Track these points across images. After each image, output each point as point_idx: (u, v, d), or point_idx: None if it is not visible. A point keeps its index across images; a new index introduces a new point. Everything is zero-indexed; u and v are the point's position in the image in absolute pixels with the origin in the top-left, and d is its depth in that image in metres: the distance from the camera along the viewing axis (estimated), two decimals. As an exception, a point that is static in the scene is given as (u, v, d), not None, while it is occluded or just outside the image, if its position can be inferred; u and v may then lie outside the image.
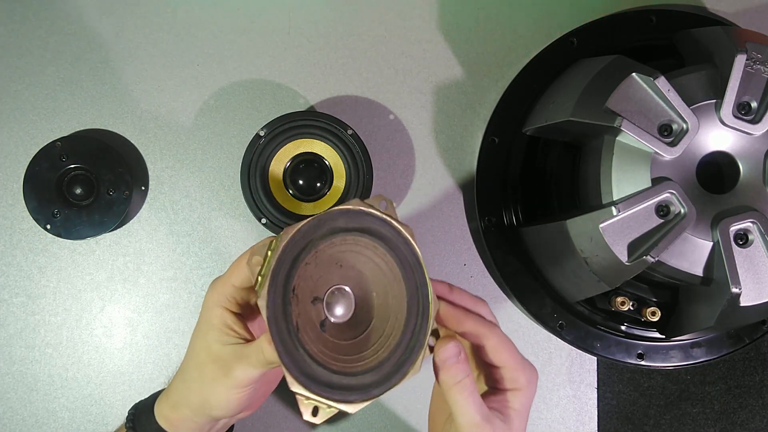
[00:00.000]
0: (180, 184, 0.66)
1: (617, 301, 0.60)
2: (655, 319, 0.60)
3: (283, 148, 0.63)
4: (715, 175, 0.54)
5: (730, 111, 0.51)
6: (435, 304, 0.41)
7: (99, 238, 0.65)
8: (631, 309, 0.60)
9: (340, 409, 0.39)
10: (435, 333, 0.43)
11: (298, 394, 0.38)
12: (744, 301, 0.50)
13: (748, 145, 0.52)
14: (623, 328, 0.63)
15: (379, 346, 0.41)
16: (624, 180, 0.51)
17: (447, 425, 0.45)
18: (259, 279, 0.40)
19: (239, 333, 0.44)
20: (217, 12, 0.67)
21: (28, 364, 0.65)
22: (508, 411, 0.43)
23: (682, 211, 0.50)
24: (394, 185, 0.67)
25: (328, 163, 0.63)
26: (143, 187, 0.66)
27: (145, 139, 0.67)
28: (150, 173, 0.66)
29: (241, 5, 0.67)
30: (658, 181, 0.51)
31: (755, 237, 0.50)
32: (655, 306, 0.61)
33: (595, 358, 0.67)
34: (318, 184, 0.63)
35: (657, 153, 0.51)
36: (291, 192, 0.63)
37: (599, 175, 0.53)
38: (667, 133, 0.52)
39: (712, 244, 0.51)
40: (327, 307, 0.42)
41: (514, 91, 0.65)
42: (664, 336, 0.62)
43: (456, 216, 0.67)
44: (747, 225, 0.51)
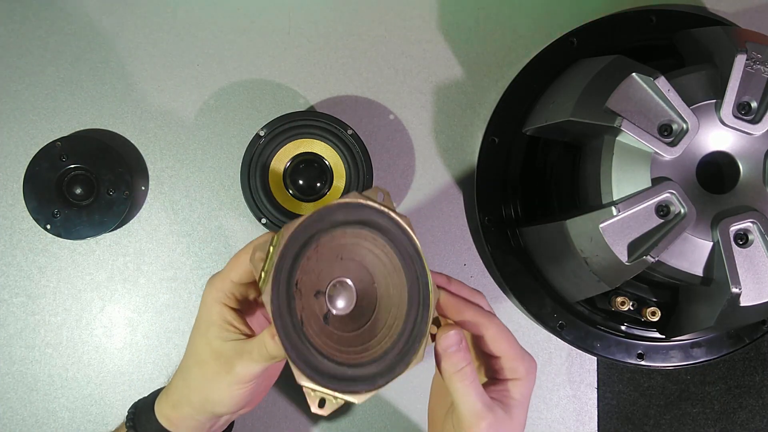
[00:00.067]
0: (180, 184, 0.66)
1: (617, 301, 0.60)
2: (655, 319, 0.60)
3: (283, 148, 0.63)
4: (715, 175, 0.54)
5: (730, 111, 0.51)
6: (435, 293, 0.42)
7: (99, 238, 0.65)
8: (631, 309, 0.61)
9: (347, 401, 0.39)
10: (436, 322, 0.44)
11: (306, 387, 0.39)
12: (744, 301, 0.50)
13: (748, 145, 0.52)
14: (623, 328, 0.63)
15: (382, 336, 0.42)
16: (624, 180, 0.51)
17: (448, 417, 0.46)
18: (263, 275, 0.40)
19: (239, 329, 0.44)
20: (217, 12, 0.67)
21: (28, 364, 0.65)
22: (509, 401, 0.43)
23: (682, 211, 0.50)
24: (394, 185, 0.67)
25: (328, 163, 0.63)
26: (143, 187, 0.66)
27: (145, 139, 0.67)
28: (150, 173, 0.66)
29: (241, 5, 0.67)
30: (658, 181, 0.51)
31: (755, 237, 0.51)
32: (655, 306, 0.61)
33: (595, 358, 0.67)
34: (318, 184, 0.63)
35: (657, 153, 0.51)
36: (291, 192, 0.63)
37: (599, 175, 0.53)
38: (667, 133, 0.52)
39: (712, 244, 0.51)
40: (329, 300, 0.42)
41: (514, 91, 0.65)
42: (664, 336, 0.62)
43: (456, 216, 0.68)
44: (747, 225, 0.51)
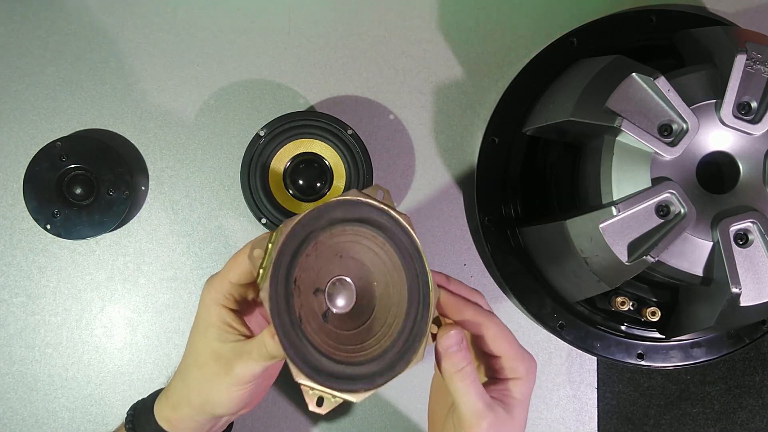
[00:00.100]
0: (180, 184, 0.66)
1: (617, 301, 0.60)
2: (655, 319, 0.60)
3: (283, 148, 0.63)
4: (715, 175, 0.54)
5: (730, 111, 0.51)
6: (435, 292, 0.41)
7: (99, 238, 0.65)
8: (631, 309, 0.61)
9: (345, 399, 0.39)
10: (437, 321, 0.44)
11: (304, 385, 0.39)
12: (744, 301, 0.50)
13: (748, 145, 0.52)
14: (623, 328, 0.63)
15: (382, 335, 0.41)
16: (624, 180, 0.51)
17: (448, 417, 0.46)
18: (261, 272, 0.40)
19: (238, 330, 0.44)
20: (217, 12, 0.67)
21: (28, 364, 0.65)
22: (509, 400, 0.43)
23: (682, 211, 0.50)
24: (394, 185, 0.67)
25: (328, 163, 0.63)
26: (143, 187, 0.66)
27: (145, 139, 0.67)
28: (150, 173, 0.66)
29: (241, 5, 0.67)
30: (658, 181, 0.51)
31: (755, 237, 0.51)
32: (655, 306, 0.61)
33: (595, 358, 0.67)
34: (318, 184, 0.63)
35: (657, 153, 0.51)
36: (291, 192, 0.63)
37: (599, 175, 0.53)
38: (667, 133, 0.52)
39: (712, 244, 0.51)
40: (328, 298, 0.42)
41: (514, 91, 0.65)
42: (664, 336, 0.62)
43: (456, 216, 0.68)
44: (747, 225, 0.51)
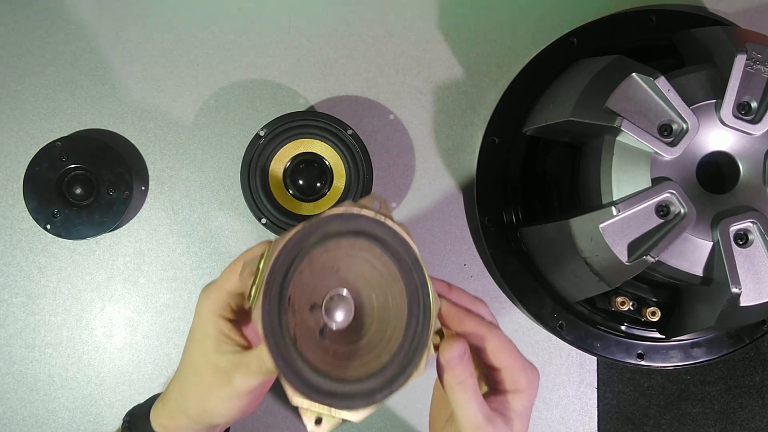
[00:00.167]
0: (180, 184, 0.66)
1: (617, 301, 0.60)
2: (655, 319, 0.60)
3: (283, 148, 0.63)
4: (715, 175, 0.54)
5: (730, 111, 0.51)
6: (436, 303, 0.40)
7: (99, 238, 0.65)
8: (631, 309, 0.60)
9: (345, 418, 0.38)
10: (439, 332, 0.43)
11: (300, 405, 0.38)
12: (744, 301, 0.50)
13: (748, 145, 0.52)
14: (623, 328, 0.63)
15: (381, 349, 0.40)
16: (624, 180, 0.51)
17: (448, 426, 0.45)
18: (253, 291, 0.39)
19: (236, 340, 0.44)
20: (217, 12, 0.67)
21: (28, 364, 0.65)
22: (509, 413, 0.43)
23: (682, 211, 0.50)
24: (394, 185, 0.67)
25: (328, 163, 0.63)
26: (143, 187, 0.66)
27: (145, 139, 0.67)
28: (150, 173, 0.66)
29: (241, 5, 0.67)
30: (658, 181, 0.51)
31: (755, 237, 0.50)
32: (655, 306, 0.61)
33: (595, 358, 0.67)
34: (318, 184, 0.63)
35: (657, 153, 0.51)
36: (291, 192, 0.63)
37: (599, 175, 0.53)
38: (667, 133, 0.52)
39: (712, 244, 0.51)
40: (326, 313, 0.41)
41: (514, 91, 0.65)
42: (664, 336, 0.62)
43: (456, 216, 0.67)
44: (747, 225, 0.51)
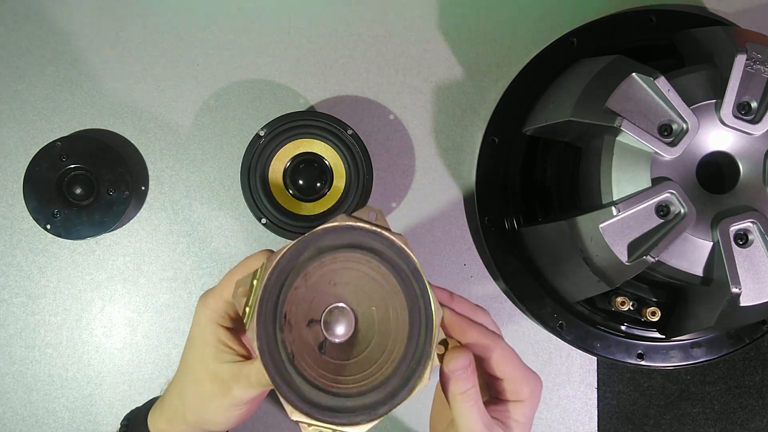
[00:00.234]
0: (180, 184, 0.66)
1: (617, 301, 0.60)
2: (655, 319, 0.60)
3: (283, 148, 0.63)
4: (715, 175, 0.54)
5: (730, 111, 0.51)
6: (439, 312, 0.40)
7: (99, 238, 0.65)
8: (631, 309, 0.60)
9: None
10: (443, 342, 0.42)
11: (300, 422, 0.38)
12: (744, 301, 0.50)
13: (748, 145, 0.52)
14: (623, 328, 0.63)
15: (383, 362, 0.40)
16: (624, 180, 0.51)
17: (448, 431, 0.45)
18: (247, 311, 0.39)
19: (235, 350, 0.43)
20: (217, 12, 0.67)
21: (28, 364, 0.65)
22: (510, 422, 0.42)
23: (682, 211, 0.50)
24: (394, 185, 0.67)
25: (328, 163, 0.63)
26: (143, 187, 0.66)
27: (145, 139, 0.67)
28: (150, 173, 0.66)
29: (241, 5, 0.67)
30: (658, 181, 0.51)
31: (755, 237, 0.50)
32: (655, 306, 0.61)
33: (595, 358, 0.67)
34: (318, 184, 0.63)
35: (657, 153, 0.51)
36: (291, 192, 0.63)
37: (599, 175, 0.53)
38: (667, 133, 0.52)
39: (712, 244, 0.51)
40: (326, 327, 0.40)
41: (514, 91, 0.65)
42: (664, 336, 0.62)
43: (456, 216, 0.67)
44: (747, 225, 0.51)
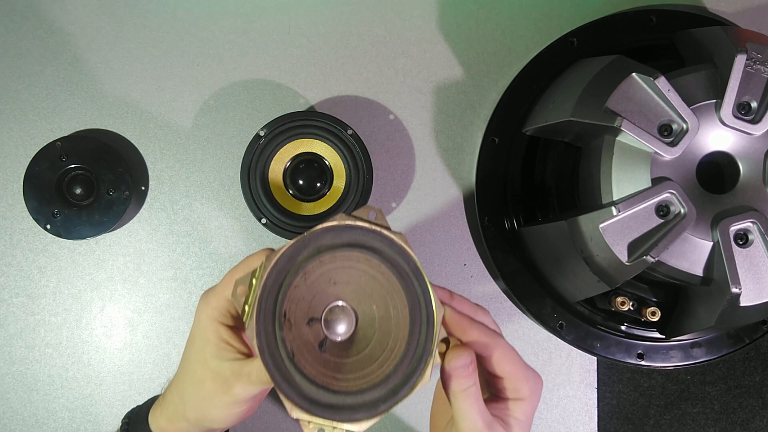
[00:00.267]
0: (180, 184, 0.66)
1: (617, 301, 0.60)
2: (655, 319, 0.60)
3: (283, 148, 0.63)
4: (715, 175, 0.54)
5: (730, 111, 0.51)
6: (440, 310, 0.40)
7: (99, 238, 0.65)
8: (631, 309, 0.60)
9: (347, 429, 0.38)
10: (445, 340, 0.42)
11: (301, 420, 0.38)
12: (744, 301, 0.50)
13: (748, 145, 0.52)
14: (623, 328, 0.63)
15: (384, 360, 0.40)
16: (624, 180, 0.51)
17: (448, 429, 0.45)
18: (246, 309, 0.39)
19: (236, 348, 0.44)
20: (217, 12, 0.67)
21: (28, 364, 0.65)
22: (510, 420, 0.42)
23: (682, 211, 0.50)
24: (394, 185, 0.67)
25: (328, 163, 0.63)
26: (143, 187, 0.66)
27: (145, 139, 0.67)
28: (150, 173, 0.66)
29: (241, 5, 0.67)
30: (658, 181, 0.51)
31: (755, 237, 0.50)
32: (655, 306, 0.61)
33: (595, 358, 0.67)
34: (318, 184, 0.63)
35: (657, 153, 0.51)
36: (291, 192, 0.63)
37: (599, 175, 0.53)
38: (667, 133, 0.52)
39: (712, 244, 0.51)
40: (326, 326, 0.40)
41: (514, 91, 0.65)
42: (664, 336, 0.62)
43: (456, 216, 0.67)
44: (747, 225, 0.51)
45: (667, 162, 0.52)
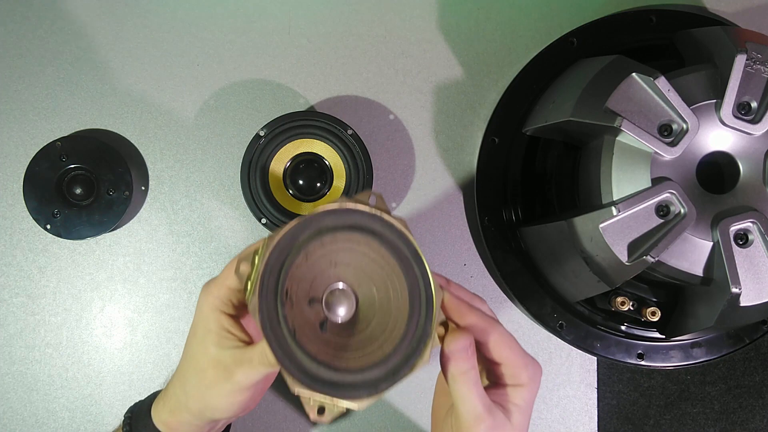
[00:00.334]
0: (180, 184, 0.66)
1: (617, 301, 0.60)
2: (655, 319, 0.60)
3: (283, 148, 0.63)
4: (715, 175, 0.54)
5: (730, 111, 0.51)
6: (439, 293, 0.41)
7: (99, 238, 0.65)
8: (631, 309, 0.60)
9: (347, 407, 0.39)
10: (444, 324, 0.43)
11: (302, 395, 0.38)
12: (744, 301, 0.50)
13: (748, 145, 0.52)
14: (623, 328, 0.63)
15: (384, 340, 0.41)
16: (624, 180, 0.51)
17: (448, 417, 0.45)
18: (249, 286, 0.40)
19: (237, 336, 0.44)
20: (217, 12, 0.67)
21: (28, 364, 0.65)
22: (509, 405, 0.43)
23: (682, 211, 0.50)
24: (394, 185, 0.67)
25: (328, 163, 0.63)
26: (143, 187, 0.66)
27: (145, 139, 0.67)
28: (150, 173, 0.66)
29: (241, 5, 0.67)
30: (658, 181, 0.51)
31: (755, 237, 0.51)
32: (655, 306, 0.61)
33: (595, 358, 0.67)
34: (318, 184, 0.63)
35: (657, 153, 0.51)
36: (291, 192, 0.63)
37: (599, 175, 0.53)
38: (667, 133, 0.52)
39: (712, 244, 0.51)
40: (327, 308, 0.41)
41: (514, 91, 0.65)
42: (664, 336, 0.62)
43: (456, 216, 0.68)
44: (747, 225, 0.51)
45: (667, 162, 0.52)
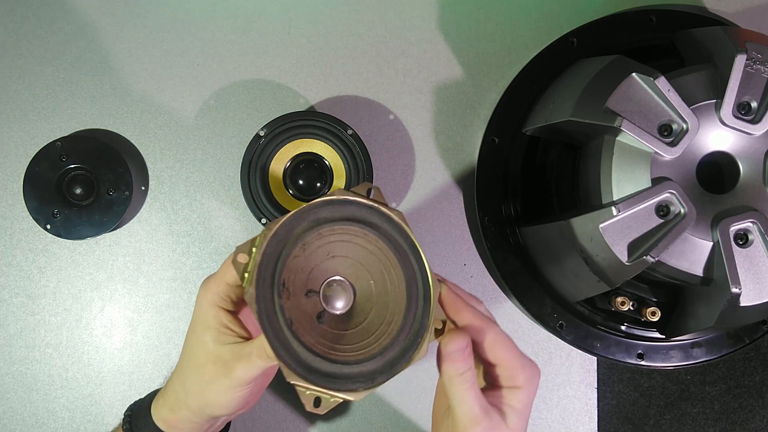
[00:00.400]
0: (180, 184, 0.66)
1: (617, 301, 0.60)
2: (655, 319, 0.60)
3: (283, 148, 0.63)
4: (715, 175, 0.54)
5: (730, 111, 0.51)
6: (436, 286, 0.41)
7: (99, 238, 0.65)
8: (631, 309, 0.60)
9: (344, 398, 0.39)
10: (443, 323, 0.43)
11: (297, 385, 0.38)
12: (744, 301, 0.50)
13: (748, 145, 0.52)
14: (623, 328, 0.63)
15: (381, 333, 0.41)
16: (624, 180, 0.51)
17: (445, 418, 0.45)
18: (246, 276, 0.40)
19: (236, 331, 0.44)
20: (217, 12, 0.67)
21: (28, 364, 0.65)
22: (506, 408, 0.43)
23: (682, 211, 0.50)
24: (394, 185, 0.67)
25: (328, 163, 0.63)
26: (143, 187, 0.66)
27: (145, 139, 0.67)
28: (150, 173, 0.66)
29: (241, 5, 0.67)
30: (658, 181, 0.51)
31: (755, 237, 0.50)
32: (655, 306, 0.61)
33: (595, 358, 0.67)
34: (318, 184, 0.63)
35: (657, 153, 0.51)
36: (291, 192, 0.63)
37: (599, 175, 0.53)
38: (667, 133, 0.52)
39: (712, 244, 0.51)
40: (324, 300, 0.41)
41: (514, 91, 0.65)
42: (664, 336, 0.62)
43: (456, 216, 0.68)
44: (747, 225, 0.51)
45: (667, 162, 0.52)
